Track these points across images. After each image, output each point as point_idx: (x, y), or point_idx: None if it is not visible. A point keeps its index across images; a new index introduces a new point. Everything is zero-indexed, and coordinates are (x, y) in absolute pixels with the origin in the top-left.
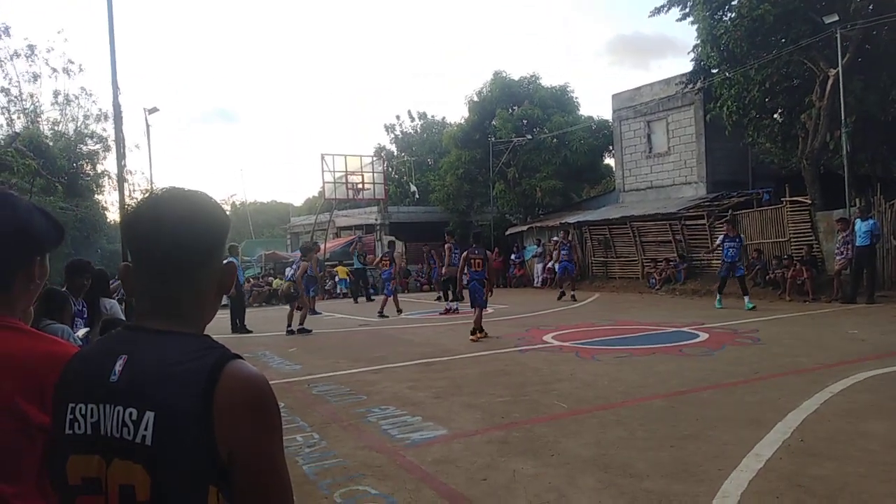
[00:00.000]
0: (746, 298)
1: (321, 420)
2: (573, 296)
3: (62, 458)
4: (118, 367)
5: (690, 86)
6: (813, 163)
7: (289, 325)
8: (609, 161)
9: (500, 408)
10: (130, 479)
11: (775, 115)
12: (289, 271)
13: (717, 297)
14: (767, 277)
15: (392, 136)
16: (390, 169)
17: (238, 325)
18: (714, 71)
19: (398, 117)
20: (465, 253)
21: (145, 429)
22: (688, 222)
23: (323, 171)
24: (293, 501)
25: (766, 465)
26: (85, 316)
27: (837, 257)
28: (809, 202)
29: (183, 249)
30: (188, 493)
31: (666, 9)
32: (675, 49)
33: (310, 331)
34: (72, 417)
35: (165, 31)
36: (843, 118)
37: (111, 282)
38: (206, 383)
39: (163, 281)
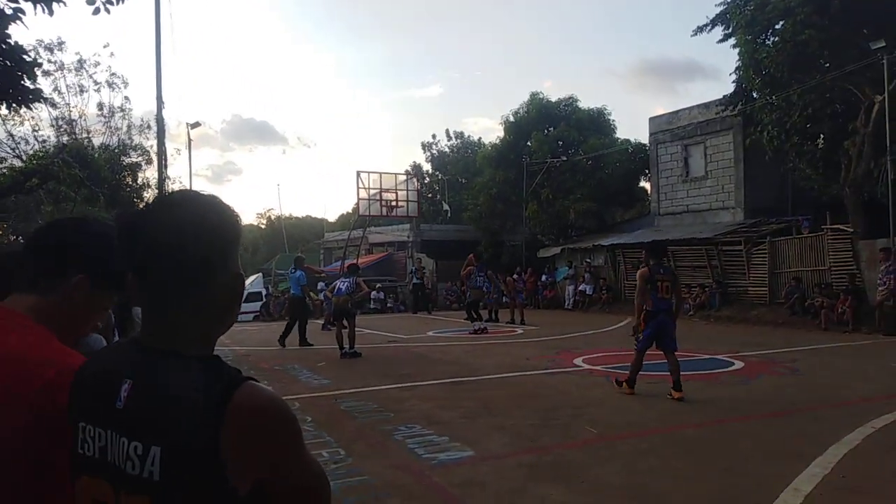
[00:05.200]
0: None
1: (348, 436)
2: None
3: (75, 476)
4: (123, 392)
5: (730, 108)
6: (856, 190)
7: (342, 347)
8: (644, 184)
9: (530, 431)
10: None
11: (817, 141)
12: (340, 284)
13: None
14: (806, 304)
15: (428, 154)
16: (423, 187)
17: (301, 338)
18: (755, 95)
19: (434, 136)
20: (642, 271)
21: (152, 464)
22: (724, 248)
23: (358, 188)
24: (330, 496)
25: (806, 501)
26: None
27: (880, 288)
28: (851, 230)
29: (189, 254)
30: None
31: (709, 28)
32: (704, 73)
33: (359, 354)
34: (82, 437)
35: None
36: (888, 145)
37: None
38: (214, 417)
39: (168, 291)
